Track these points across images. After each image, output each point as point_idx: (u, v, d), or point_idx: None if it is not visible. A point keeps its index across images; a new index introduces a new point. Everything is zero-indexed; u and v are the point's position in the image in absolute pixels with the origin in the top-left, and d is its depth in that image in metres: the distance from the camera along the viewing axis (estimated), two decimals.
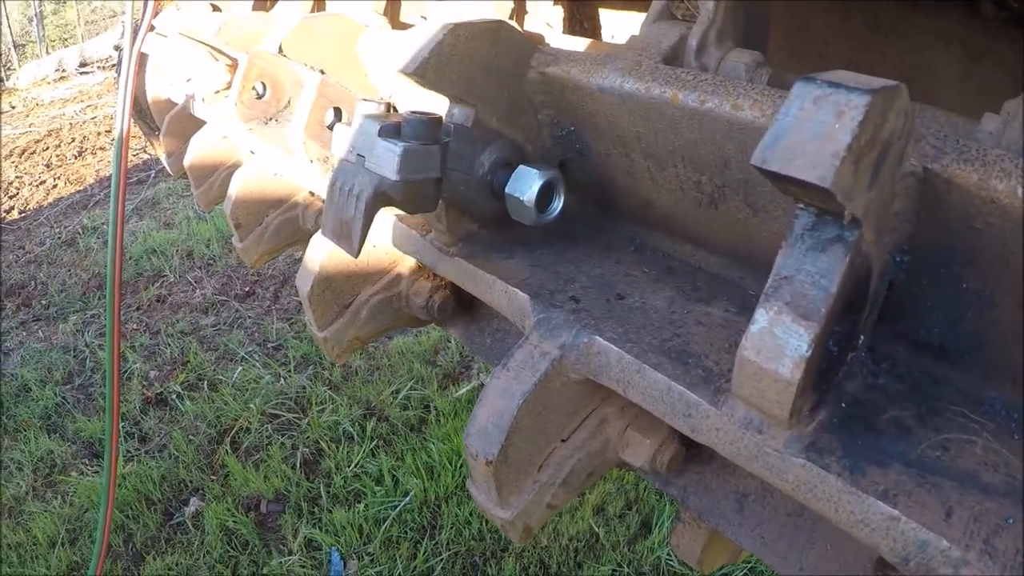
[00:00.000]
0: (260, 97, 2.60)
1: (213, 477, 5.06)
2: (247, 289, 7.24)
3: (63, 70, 15.76)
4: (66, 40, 18.13)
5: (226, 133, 2.82)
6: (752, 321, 0.89)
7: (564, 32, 2.05)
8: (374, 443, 5.07)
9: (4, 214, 10.04)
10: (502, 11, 1.91)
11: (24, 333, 7.12)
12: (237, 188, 2.35)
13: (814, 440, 0.94)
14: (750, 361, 0.90)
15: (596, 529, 4.39)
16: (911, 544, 0.84)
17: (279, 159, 2.22)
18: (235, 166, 3.00)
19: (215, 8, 3.95)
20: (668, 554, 4.27)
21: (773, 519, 1.27)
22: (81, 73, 15.68)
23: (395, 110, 1.30)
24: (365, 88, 2.00)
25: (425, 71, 1.20)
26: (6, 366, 6.59)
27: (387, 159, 1.15)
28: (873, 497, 0.87)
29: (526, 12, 1.98)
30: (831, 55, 1.75)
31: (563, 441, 1.28)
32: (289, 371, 5.89)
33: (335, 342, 1.78)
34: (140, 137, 12.07)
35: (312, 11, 2.96)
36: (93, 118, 13.14)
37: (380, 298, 1.80)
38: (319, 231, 1.75)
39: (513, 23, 1.89)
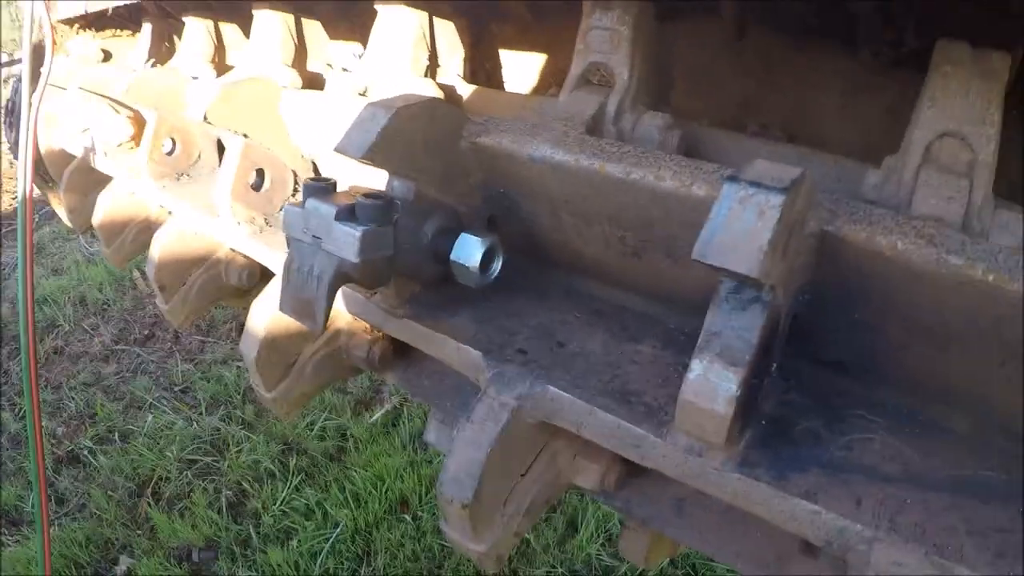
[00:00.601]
0: (170, 153, 2.62)
1: (139, 532, 4.94)
2: (146, 332, 7.07)
3: None
4: None
5: (135, 190, 2.81)
6: (689, 369, 1.08)
7: (464, 78, 2.14)
8: (297, 477, 5.05)
9: None
10: (418, 66, 1.99)
11: None
12: (159, 250, 2.35)
13: (745, 457, 1.13)
14: (690, 402, 1.09)
15: (526, 535, 4.50)
16: (832, 531, 1.05)
17: (201, 220, 2.25)
18: (145, 222, 2.99)
19: (105, 53, 3.91)
20: (598, 550, 4.43)
21: (709, 517, 1.46)
22: None
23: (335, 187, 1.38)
24: (286, 147, 2.06)
25: (374, 155, 1.28)
26: None
27: (346, 242, 1.23)
28: (797, 498, 1.07)
29: (439, 66, 2.07)
30: (728, 93, 1.88)
31: (522, 476, 1.42)
32: (200, 413, 5.79)
33: (284, 401, 1.84)
34: (16, 180, 11.62)
35: (213, 60, 2.99)
36: None
37: (322, 354, 1.87)
38: (258, 300, 1.81)
39: (429, 81, 1.99)
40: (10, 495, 5.41)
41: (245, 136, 1.95)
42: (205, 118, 1.89)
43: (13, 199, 10.99)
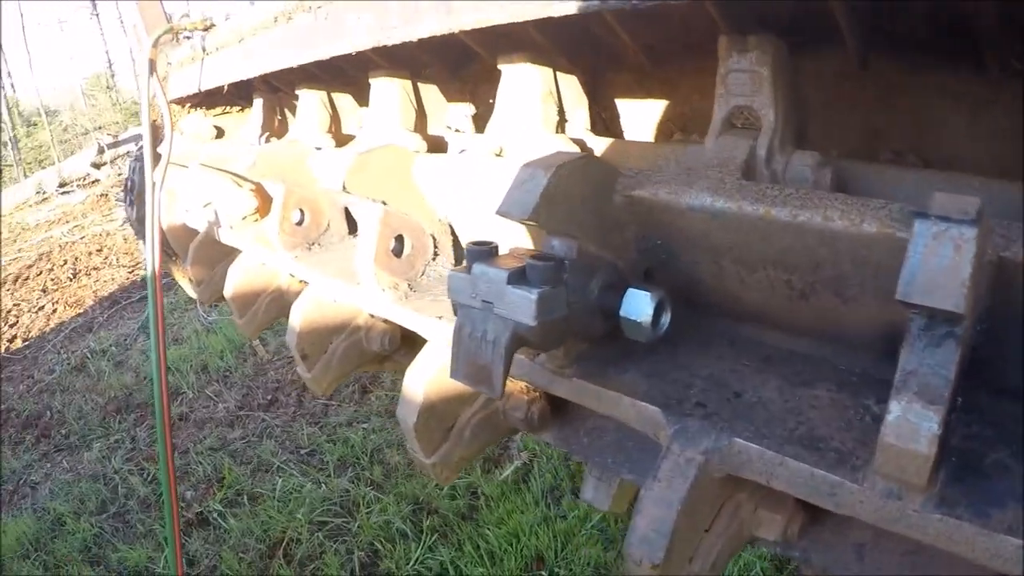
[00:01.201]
0: (300, 223, 2.68)
1: None
2: (269, 398, 7.25)
3: (43, 192, 15.86)
4: (42, 162, 18.26)
5: (266, 261, 2.87)
6: (888, 411, 1.05)
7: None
8: (430, 537, 5.04)
9: (7, 343, 10.02)
10: (549, 122, 1.99)
11: (48, 465, 7.08)
12: (299, 320, 2.39)
13: (943, 497, 1.09)
14: (891, 445, 1.06)
15: None
16: None
17: (343, 288, 2.27)
18: (276, 292, 3.05)
19: (218, 129, 4.07)
20: None
21: (891, 560, 1.40)
22: (62, 193, 15.79)
23: (498, 250, 1.37)
24: (423, 212, 2.07)
25: (537, 215, 1.26)
26: (35, 501, 6.54)
27: (522, 305, 1.21)
28: (1002, 534, 1.03)
29: (566, 120, 2.06)
30: (852, 122, 1.86)
31: (706, 531, 1.38)
32: (328, 475, 5.88)
33: (443, 466, 1.83)
34: (132, 254, 12.20)
35: (329, 129, 3.07)
36: (82, 238, 13.22)
37: (480, 417, 1.85)
38: (413, 366, 1.81)
39: (563, 136, 1.98)
40: (141, 556, 5.57)
41: (383, 203, 1.97)
42: (344, 187, 1.91)
43: (130, 272, 11.52)
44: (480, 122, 2.85)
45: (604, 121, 2.45)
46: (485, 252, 1.32)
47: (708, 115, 2.29)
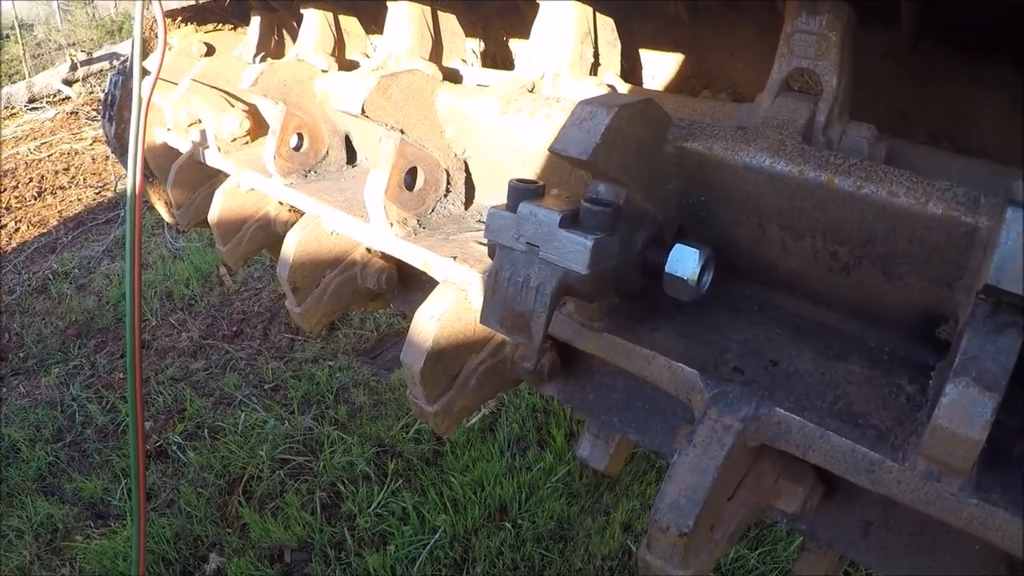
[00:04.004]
0: (297, 148, 2.55)
1: (229, 530, 4.93)
2: (234, 329, 7.11)
3: (11, 107, 15.36)
4: (12, 76, 17.66)
5: (258, 186, 2.75)
6: (943, 394, 1.05)
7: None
8: (394, 481, 4.99)
9: None
10: (584, 64, 1.89)
11: (4, 389, 6.89)
12: (293, 250, 2.27)
13: (978, 482, 1.11)
14: (943, 427, 1.05)
15: (629, 545, 4.40)
16: None
17: (343, 219, 2.17)
18: (264, 219, 2.93)
19: (208, 47, 3.88)
20: None
21: (897, 539, 1.44)
22: (31, 109, 15.30)
23: (545, 190, 1.27)
24: (440, 146, 1.97)
25: (597, 157, 1.18)
26: None
27: (575, 252, 1.13)
28: None
29: (599, 64, 1.97)
30: (887, 101, 1.84)
31: (729, 499, 1.36)
32: (292, 413, 5.78)
33: (444, 415, 1.75)
34: (100, 175, 11.87)
35: (333, 53, 2.92)
36: (49, 156, 12.82)
37: (487, 365, 1.78)
38: (424, 307, 1.72)
39: (598, 79, 1.88)
40: (96, 487, 5.46)
41: (402, 132, 1.86)
42: (363, 111, 1.79)
43: (97, 193, 11.22)
44: (487, 59, 2.74)
45: (625, 70, 2.36)
46: (532, 191, 1.23)
47: (734, 75, 2.23)
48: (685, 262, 1.29)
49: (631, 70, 2.33)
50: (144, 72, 2.93)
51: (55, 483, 5.64)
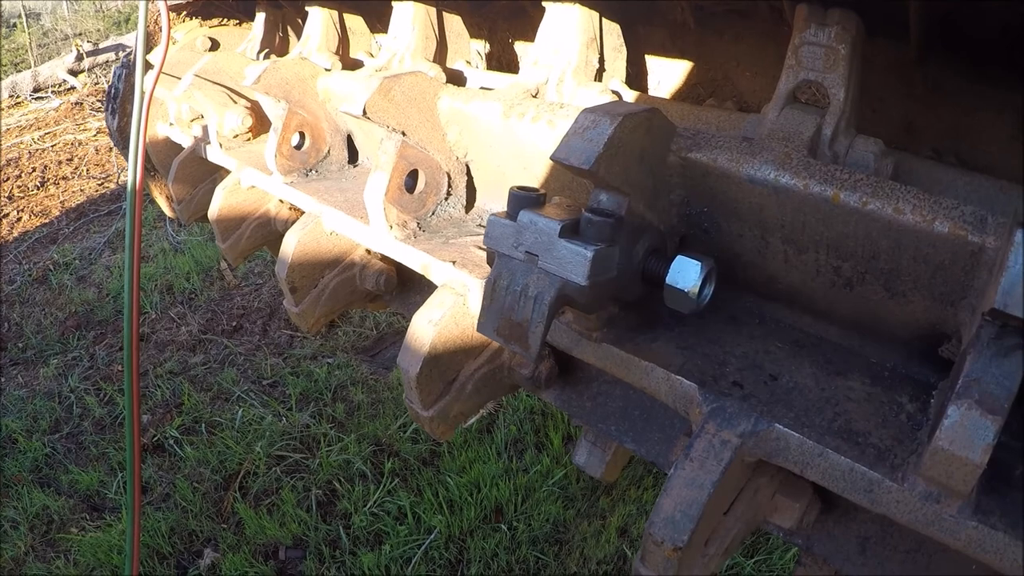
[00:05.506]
0: (298, 147, 2.54)
1: (224, 526, 4.92)
2: (234, 324, 7.09)
3: (16, 95, 15.34)
4: (18, 65, 17.64)
5: (258, 183, 2.74)
6: (945, 415, 1.04)
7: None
8: (390, 481, 4.97)
9: None
10: (589, 69, 1.88)
11: (2, 379, 6.87)
12: (293, 249, 2.26)
13: (978, 504, 1.10)
14: (944, 449, 1.04)
15: (624, 550, 4.38)
16: None
17: (343, 220, 2.16)
18: (264, 217, 2.92)
19: (212, 42, 3.87)
20: None
21: (893, 557, 1.42)
22: (36, 99, 15.28)
23: (545, 198, 1.26)
24: (441, 148, 1.95)
25: (599, 166, 1.17)
26: None
27: (574, 263, 1.12)
28: None
29: (604, 70, 1.95)
30: (892, 115, 1.84)
31: (724, 514, 1.36)
32: (290, 409, 5.77)
33: (440, 420, 1.74)
34: (104, 166, 11.86)
35: (336, 52, 2.92)
36: (53, 146, 12.79)
37: (484, 371, 1.76)
38: (421, 311, 1.71)
39: (603, 86, 1.87)
40: (92, 480, 5.45)
41: (403, 134, 1.85)
42: (364, 113, 1.78)
43: (99, 185, 11.20)
44: (492, 61, 2.73)
45: (630, 76, 2.35)
46: (532, 199, 1.22)
47: (740, 84, 2.22)
48: (687, 274, 1.27)
49: (636, 76, 2.32)
50: (147, 66, 2.92)
51: (51, 475, 5.62)
